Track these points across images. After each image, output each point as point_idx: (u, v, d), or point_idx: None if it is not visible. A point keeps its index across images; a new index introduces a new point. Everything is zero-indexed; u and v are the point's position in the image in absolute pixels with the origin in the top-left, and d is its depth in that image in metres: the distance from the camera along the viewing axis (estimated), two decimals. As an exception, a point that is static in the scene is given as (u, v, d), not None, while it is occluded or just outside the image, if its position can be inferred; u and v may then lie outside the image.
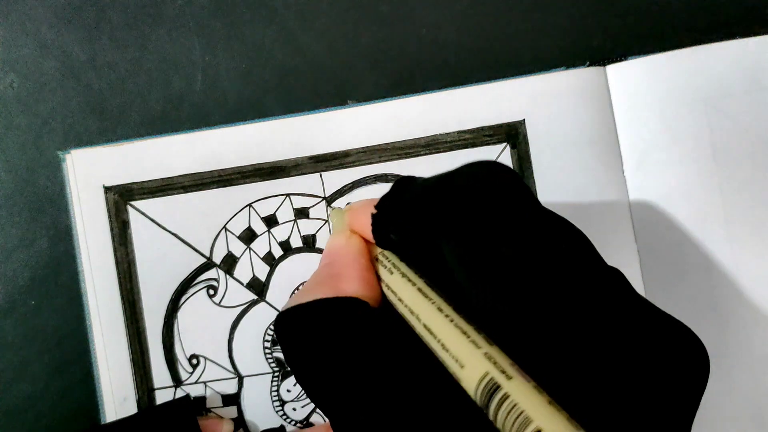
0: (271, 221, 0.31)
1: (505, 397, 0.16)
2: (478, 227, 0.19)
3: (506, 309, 0.18)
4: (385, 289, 0.22)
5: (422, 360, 0.20)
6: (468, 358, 0.17)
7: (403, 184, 0.23)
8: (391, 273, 0.22)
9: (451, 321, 0.19)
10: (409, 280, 0.21)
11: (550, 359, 0.17)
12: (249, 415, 0.31)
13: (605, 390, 0.16)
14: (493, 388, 0.16)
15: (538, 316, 0.17)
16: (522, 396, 0.16)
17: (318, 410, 0.31)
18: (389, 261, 0.22)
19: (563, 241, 0.19)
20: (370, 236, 0.23)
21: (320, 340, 0.21)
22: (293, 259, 0.31)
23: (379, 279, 0.23)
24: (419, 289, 0.20)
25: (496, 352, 0.17)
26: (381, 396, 0.19)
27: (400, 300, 0.21)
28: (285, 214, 0.31)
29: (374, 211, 0.23)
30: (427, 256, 0.21)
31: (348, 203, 0.31)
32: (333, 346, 0.20)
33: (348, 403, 0.19)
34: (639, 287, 0.30)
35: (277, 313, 0.31)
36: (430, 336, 0.19)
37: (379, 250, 0.23)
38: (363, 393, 0.19)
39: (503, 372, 0.17)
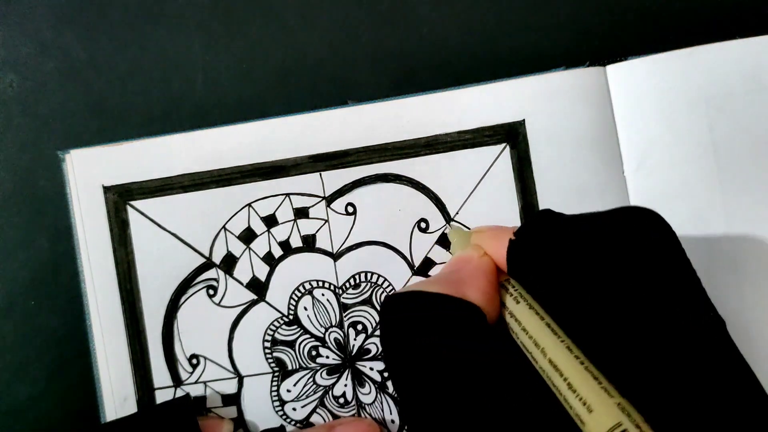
0: (270, 221, 0.31)
1: None
2: (626, 281, 0.19)
3: (638, 367, 0.17)
4: (507, 317, 0.22)
5: (532, 386, 0.19)
6: (599, 404, 0.17)
7: (544, 216, 0.22)
8: (518, 302, 0.22)
9: (582, 363, 0.18)
10: (537, 313, 0.21)
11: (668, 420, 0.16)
12: (249, 415, 0.31)
13: None
14: None
15: (665, 378, 0.17)
16: None
17: (318, 410, 0.31)
18: (516, 290, 0.22)
19: (706, 313, 0.19)
20: (500, 261, 0.23)
21: (433, 332, 0.20)
22: (293, 259, 0.31)
23: (502, 305, 0.22)
24: (547, 324, 0.20)
25: (628, 405, 0.17)
26: (479, 407, 0.18)
27: (524, 330, 0.21)
28: (285, 213, 0.31)
29: (512, 237, 0.22)
30: (558, 293, 0.20)
31: (472, 227, 0.30)
32: (445, 342, 0.20)
33: (439, 401, 0.19)
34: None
35: (277, 312, 0.31)
36: (555, 372, 0.19)
37: (505, 277, 0.23)
38: (461, 397, 0.19)
39: (638, 427, 0.16)
